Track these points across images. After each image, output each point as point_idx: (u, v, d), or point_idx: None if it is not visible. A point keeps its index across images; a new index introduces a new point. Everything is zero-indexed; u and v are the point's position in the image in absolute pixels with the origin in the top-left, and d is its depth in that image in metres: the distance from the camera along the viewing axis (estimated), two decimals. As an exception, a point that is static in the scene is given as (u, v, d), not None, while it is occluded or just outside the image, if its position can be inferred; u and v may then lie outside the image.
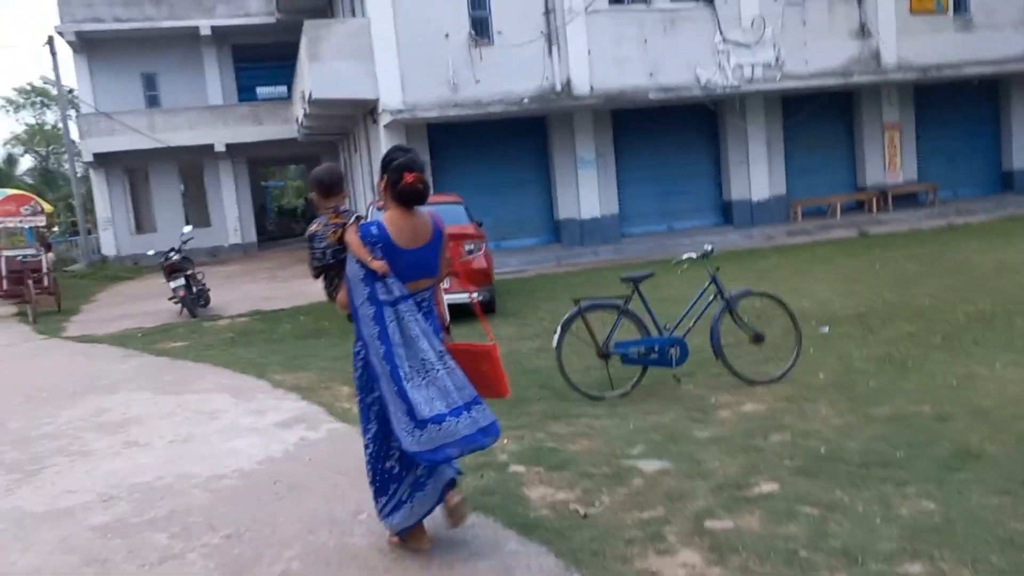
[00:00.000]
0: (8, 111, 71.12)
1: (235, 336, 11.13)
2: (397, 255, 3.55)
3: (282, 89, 30.67)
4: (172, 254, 14.30)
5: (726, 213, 19.64)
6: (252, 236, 29.13)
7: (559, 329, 6.29)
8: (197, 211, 30.00)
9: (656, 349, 6.27)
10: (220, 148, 27.09)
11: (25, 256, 15.39)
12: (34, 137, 70.24)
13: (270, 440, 5.72)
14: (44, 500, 4.84)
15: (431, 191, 3.72)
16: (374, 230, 3.56)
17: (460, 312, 10.12)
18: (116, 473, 5.22)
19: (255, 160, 30.53)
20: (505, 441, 5.20)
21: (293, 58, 22.66)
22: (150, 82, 27.88)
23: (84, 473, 5.32)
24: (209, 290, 14.12)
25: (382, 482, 3.71)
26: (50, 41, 23.94)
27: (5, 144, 63.79)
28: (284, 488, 4.70)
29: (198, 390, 7.60)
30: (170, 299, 13.83)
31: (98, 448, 5.92)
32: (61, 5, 25.33)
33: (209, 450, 5.58)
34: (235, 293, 16.31)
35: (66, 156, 71.91)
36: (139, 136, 26.03)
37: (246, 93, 29.54)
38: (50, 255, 16.31)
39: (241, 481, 4.90)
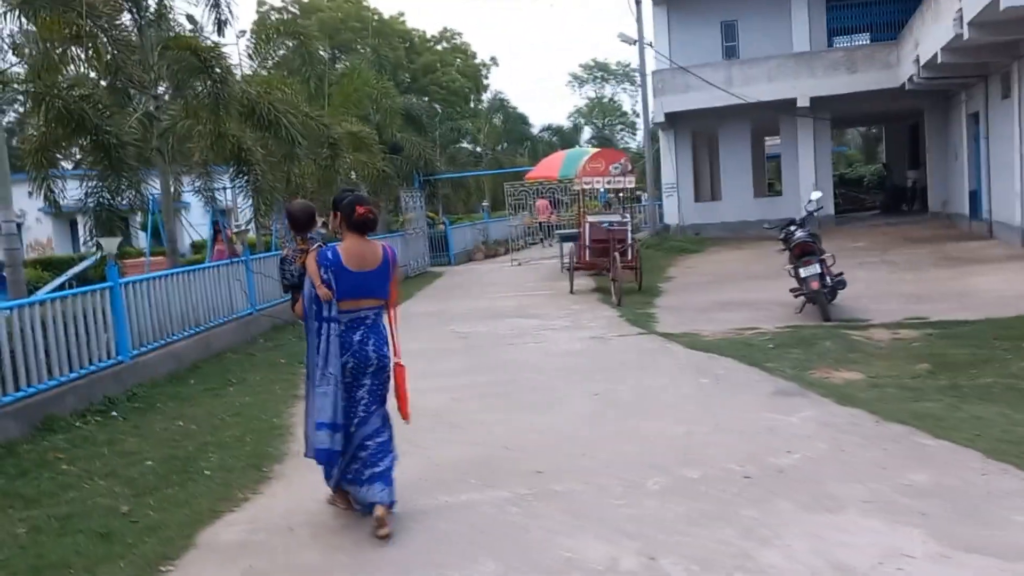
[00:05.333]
0: (574, 87, 77.94)
1: (932, 368, 6.77)
2: (345, 276, 4.18)
3: (862, 37, 25.58)
4: (795, 229, 10.50)
5: None
6: (829, 208, 24.45)
7: None
8: (759, 178, 26.54)
9: None
10: (803, 103, 22.91)
11: (611, 223, 13.08)
12: (593, 110, 75.67)
13: None
14: None
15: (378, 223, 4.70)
16: (329, 255, 4.22)
17: None
18: None
19: (838, 118, 25.70)
20: None
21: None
22: (729, 31, 24.86)
23: None
24: (844, 282, 9.95)
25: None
26: (637, -9, 22.18)
27: (568, 116, 69.53)
28: None
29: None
30: (794, 292, 10.05)
31: None
32: (647, -48, 23.55)
33: None
34: (855, 285, 11.93)
35: (619, 127, 75.80)
36: (712, 93, 23.19)
37: (833, 38, 24.90)
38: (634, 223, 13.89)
39: None
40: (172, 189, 12.06)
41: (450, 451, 5.41)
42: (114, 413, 7.09)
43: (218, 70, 10.19)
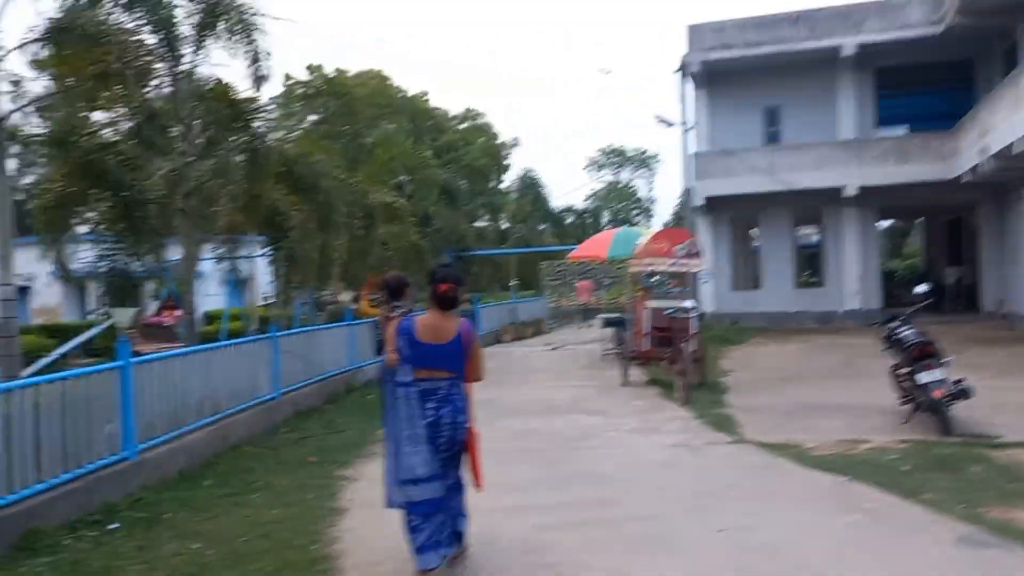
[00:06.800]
0: (592, 169, 78.31)
1: None
2: (416, 346, 4.51)
3: (907, 127, 25.13)
4: (899, 327, 9.21)
5: None
6: (875, 302, 23.24)
7: None
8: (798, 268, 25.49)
9: None
10: (851, 192, 22.00)
11: (675, 311, 11.84)
12: (610, 194, 75.74)
13: None
14: None
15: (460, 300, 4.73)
16: (405, 324, 4.59)
17: None
18: None
19: (886, 208, 24.77)
20: None
21: (946, 82, 16.53)
22: (771, 116, 24.16)
23: None
24: (969, 390, 8.50)
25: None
26: (682, 69, 21.47)
27: (586, 200, 69.44)
28: None
29: None
30: (904, 399, 8.72)
31: None
32: (691, 34, 23.00)
33: None
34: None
35: (635, 212, 75.50)
36: (753, 179, 22.39)
37: (882, 126, 24.21)
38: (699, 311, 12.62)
39: None
40: (193, 255, 10.89)
41: (562, 617, 4.02)
42: (113, 525, 5.73)
43: (257, 125, 9.20)
